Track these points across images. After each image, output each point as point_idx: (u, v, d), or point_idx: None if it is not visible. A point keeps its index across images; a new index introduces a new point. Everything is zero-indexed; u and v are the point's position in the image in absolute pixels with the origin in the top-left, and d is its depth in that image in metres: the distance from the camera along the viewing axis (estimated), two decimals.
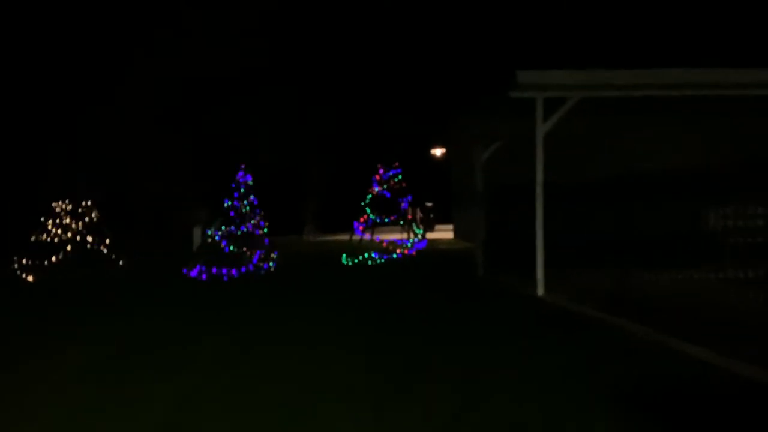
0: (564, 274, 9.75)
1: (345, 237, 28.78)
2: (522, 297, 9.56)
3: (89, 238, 18.69)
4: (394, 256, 19.72)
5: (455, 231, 27.67)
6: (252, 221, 16.78)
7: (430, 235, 25.34)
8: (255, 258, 16.45)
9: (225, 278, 15.35)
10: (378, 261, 18.81)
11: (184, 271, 15.91)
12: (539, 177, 8.59)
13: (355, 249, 19.51)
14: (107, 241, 18.99)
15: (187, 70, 29.44)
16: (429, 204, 27.79)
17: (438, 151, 31.25)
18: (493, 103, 9.65)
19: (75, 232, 18.72)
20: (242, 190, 16.79)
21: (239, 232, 16.66)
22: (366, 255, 19.44)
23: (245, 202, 16.65)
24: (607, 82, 8.29)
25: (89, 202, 19.06)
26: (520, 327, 7.73)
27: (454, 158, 27.22)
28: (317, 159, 33.06)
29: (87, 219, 18.89)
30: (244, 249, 16.35)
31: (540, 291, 9.15)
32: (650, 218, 9.27)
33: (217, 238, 16.46)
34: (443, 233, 28.65)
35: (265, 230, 16.81)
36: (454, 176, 27.24)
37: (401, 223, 21.85)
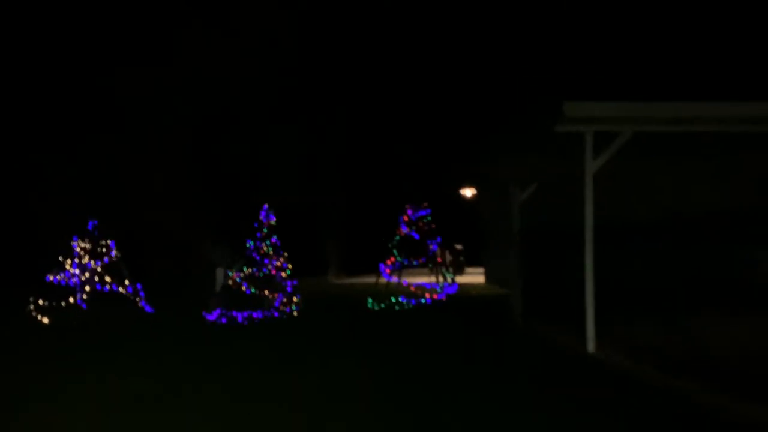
0: (613, 324, 8.90)
1: (371, 279, 28.00)
2: (570, 354, 8.67)
3: (107, 279, 18.21)
4: (423, 300, 18.91)
5: (487, 275, 26.78)
6: (275, 263, 16.17)
7: (460, 279, 24.47)
8: (277, 301, 15.78)
9: (245, 323, 14.68)
10: (406, 306, 18.02)
11: (203, 314, 15.27)
12: (589, 220, 7.84)
13: (381, 292, 18.76)
14: (126, 282, 18.48)
15: (209, 107, 29.30)
16: (459, 246, 27.00)
17: (468, 192, 30.55)
18: (532, 139, 8.98)
19: (93, 272, 18.26)
20: (265, 230, 16.22)
21: (261, 274, 16.05)
22: (393, 299, 18.67)
23: (268, 242, 16.07)
24: (666, 116, 7.57)
25: (108, 241, 18.64)
26: (573, 395, 6.76)
27: (486, 198, 26.44)
28: (342, 198, 32.57)
29: (106, 258, 18.43)
30: (266, 292, 15.70)
31: (590, 347, 8.27)
32: (704, 262, 8.43)
33: (238, 279, 15.85)
34: (474, 277, 27.78)
35: (288, 272, 16.16)
36: (486, 217, 26.44)
37: (430, 266, 21.09)
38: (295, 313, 15.74)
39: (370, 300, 18.40)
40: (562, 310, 9.73)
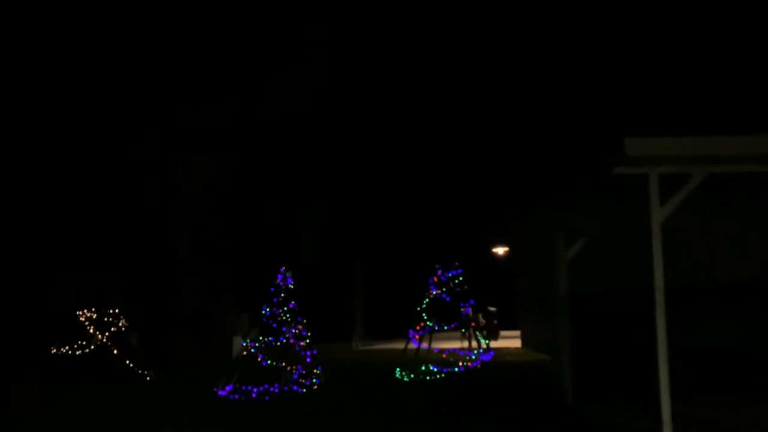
0: (689, 402, 7.51)
1: (398, 345, 26.59)
2: None
3: (115, 351, 17.17)
4: (456, 369, 17.50)
5: (523, 339, 25.27)
6: (293, 331, 14.97)
7: (494, 344, 23.03)
8: (296, 374, 14.51)
9: (260, 398, 13.41)
10: (438, 376, 16.61)
11: (215, 389, 14.04)
12: (658, 281, 6.61)
13: (410, 361, 17.41)
14: (134, 354, 17.42)
15: (224, 165, 28.65)
16: (492, 308, 25.58)
17: (500, 250, 29.36)
18: (584, 185, 7.83)
19: (98, 344, 17.25)
20: (282, 295, 15.10)
21: (278, 344, 14.83)
22: (423, 368, 17.30)
23: (285, 308, 14.91)
24: (751, 152, 6.39)
25: (116, 310, 17.69)
26: None
27: (521, 257, 25.19)
28: (366, 258, 31.47)
29: (113, 328, 17.44)
30: (283, 364, 14.45)
31: None
32: None
33: (253, 350, 14.65)
34: (508, 341, 26.23)
35: (308, 341, 14.93)
36: (521, 277, 25.13)
37: (462, 330, 19.75)
38: (315, 387, 14.43)
39: (398, 370, 17.04)
40: (623, 387, 8.39)
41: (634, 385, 7.86)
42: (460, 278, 18.29)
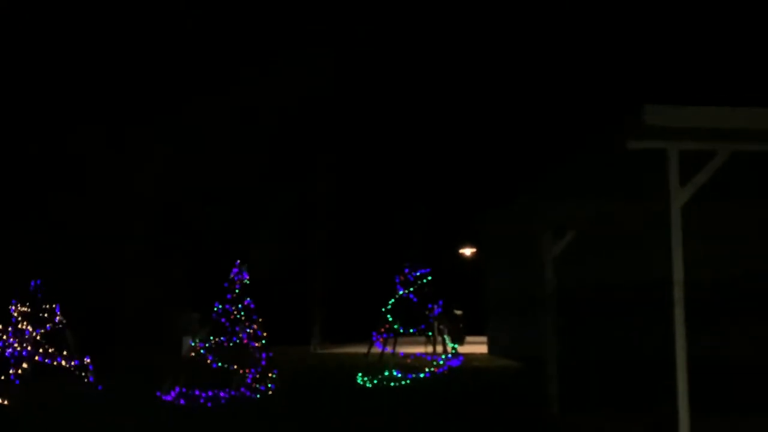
0: (708, 413, 6.65)
1: (360, 349, 25.52)
2: None
3: (49, 350, 15.74)
4: (422, 375, 16.56)
5: (490, 345, 24.46)
6: (247, 330, 13.84)
7: (459, 349, 22.12)
8: (249, 377, 13.37)
9: (209, 404, 12.25)
10: (403, 382, 15.63)
11: (158, 393, 12.82)
12: (678, 273, 5.75)
13: (373, 365, 16.41)
14: (71, 353, 16.00)
15: (178, 162, 27.50)
16: (458, 312, 24.73)
17: (467, 251, 28.54)
18: (584, 166, 6.96)
19: (33, 342, 15.81)
20: (237, 291, 13.95)
21: (230, 344, 13.68)
22: (386, 373, 16.32)
23: (239, 305, 13.77)
24: None
25: (53, 305, 16.26)
26: None
27: (491, 257, 24.38)
28: (326, 258, 30.45)
29: (48, 325, 16.01)
30: (236, 366, 13.30)
31: None
32: None
33: (202, 351, 13.46)
34: (474, 347, 25.38)
35: (263, 342, 13.81)
36: (490, 279, 24.31)
37: (429, 334, 18.81)
38: (270, 392, 13.31)
39: (359, 375, 16.02)
40: (614, 395, 7.54)
41: (626, 393, 7.00)
42: (429, 278, 17.36)
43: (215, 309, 13.71)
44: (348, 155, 29.63)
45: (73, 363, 15.73)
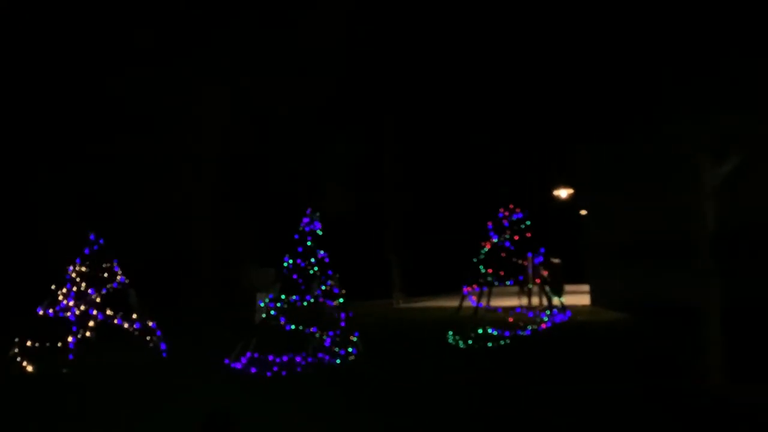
0: None
1: (447, 303, 24.14)
2: None
3: (109, 312, 14.88)
4: (522, 333, 14.94)
5: (593, 295, 22.56)
6: (322, 287, 12.48)
7: (556, 301, 20.28)
8: (327, 340, 12.06)
9: (284, 372, 11.02)
10: (502, 342, 14.04)
11: (226, 361, 11.67)
12: None
13: (465, 322, 14.91)
14: (134, 316, 15.11)
15: (249, 109, 26.39)
16: (556, 260, 22.75)
17: (563, 192, 26.42)
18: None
19: (92, 303, 14.98)
20: (309, 243, 12.57)
21: (305, 303, 12.36)
22: (481, 331, 14.81)
23: (312, 260, 12.39)
24: None
25: (113, 264, 15.35)
26: None
27: (593, 198, 22.30)
28: (410, 203, 28.90)
29: (110, 285, 15.13)
30: (312, 329, 11.99)
31: None
32: None
33: (273, 312, 12.20)
34: (574, 297, 23.49)
35: (341, 300, 12.43)
36: (593, 222, 22.31)
37: (529, 286, 17.15)
38: (352, 357, 11.97)
39: (450, 334, 14.55)
40: None
41: None
42: (527, 223, 15.58)
43: (285, 264, 12.38)
44: (425, 89, 27.72)
45: (135, 326, 14.87)
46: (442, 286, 30.61)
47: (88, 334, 14.85)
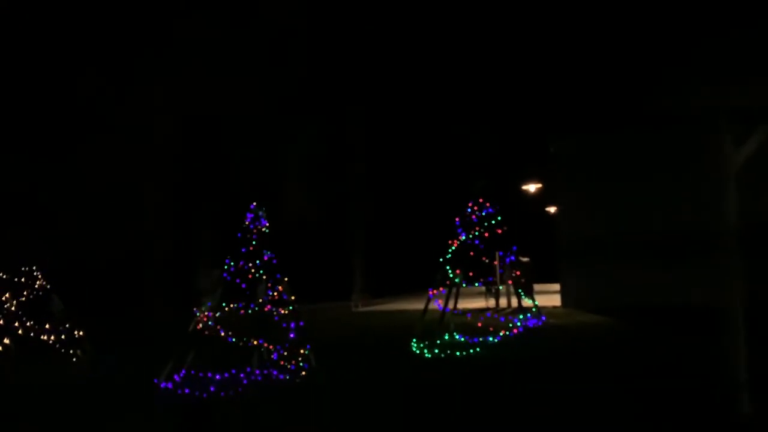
0: None
1: (409, 305, 22.90)
2: None
3: (27, 323, 13.30)
4: (491, 339, 13.75)
5: (565, 296, 21.55)
6: (270, 292, 11.08)
7: (527, 304, 19.16)
8: (274, 355, 10.67)
9: (222, 393, 9.61)
10: (473, 350, 12.82)
11: (155, 381, 10.20)
12: None
13: (430, 328, 13.66)
14: (58, 325, 13.54)
15: (203, 104, 25.09)
16: (525, 259, 21.61)
17: (531, 187, 25.37)
18: None
19: (10, 313, 13.40)
20: (254, 243, 11.16)
21: (249, 310, 10.96)
22: (447, 337, 13.59)
23: (258, 262, 10.98)
24: None
25: (34, 269, 13.77)
26: None
27: (568, 192, 21.30)
28: (366, 198, 27.65)
29: (26, 292, 13.55)
30: (258, 340, 10.59)
31: None
32: None
33: (210, 322, 10.76)
34: (543, 298, 22.43)
35: (290, 307, 11.04)
36: (566, 219, 21.30)
37: (499, 287, 15.98)
38: (302, 373, 10.59)
39: (414, 342, 13.27)
40: None
41: None
42: (498, 218, 14.37)
43: (226, 267, 10.95)
44: (390, 76, 26.52)
45: (59, 337, 13.31)
46: (407, 287, 29.41)
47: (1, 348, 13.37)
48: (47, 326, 13.27)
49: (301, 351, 10.83)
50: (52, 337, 13.32)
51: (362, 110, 28.02)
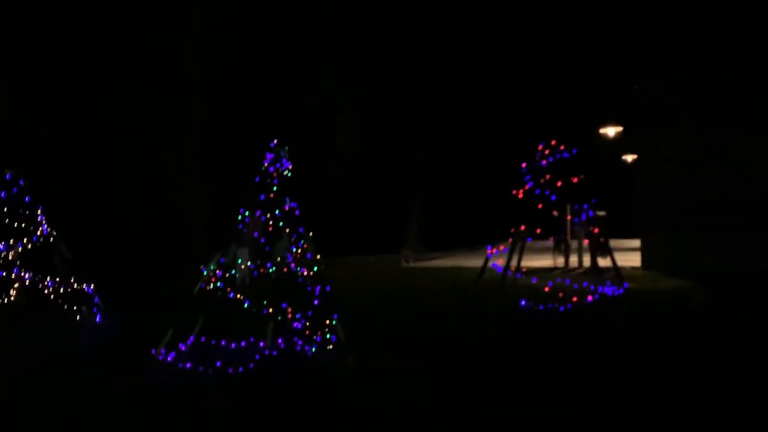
0: None
1: (465, 261, 21.11)
2: None
3: (24, 274, 12.01)
4: (559, 307, 11.86)
5: (645, 257, 19.56)
6: (293, 249, 9.36)
7: (602, 262, 17.09)
8: (296, 323, 8.99)
9: (230, 370, 8.04)
10: (537, 322, 10.96)
11: (152, 351, 8.68)
12: None
13: (487, 293, 11.87)
14: (67, 280, 12.22)
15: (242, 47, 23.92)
16: (601, 213, 19.44)
17: (610, 130, 22.99)
18: None
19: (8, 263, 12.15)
20: (274, 189, 9.41)
21: (268, 271, 9.27)
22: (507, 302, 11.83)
23: (277, 211, 9.25)
24: None
25: (37, 212, 12.41)
26: None
27: (651, 139, 19.36)
28: (422, 140, 25.67)
29: (25, 240, 12.23)
30: (271, 307, 8.92)
31: None
32: None
33: (220, 284, 9.12)
34: (619, 257, 20.28)
35: (315, 268, 9.31)
36: (652, 168, 19.34)
37: (569, 245, 14.02)
38: (330, 347, 8.91)
39: (466, 312, 11.49)
40: None
41: None
42: (574, 164, 12.32)
43: (239, 217, 9.27)
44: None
45: (63, 292, 11.98)
46: (464, 240, 27.60)
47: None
48: (50, 279, 11.93)
49: (327, 321, 9.13)
50: (58, 291, 12.01)
51: (426, 46, 26.31)
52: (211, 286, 9.24)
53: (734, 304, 12.54)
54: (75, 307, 11.82)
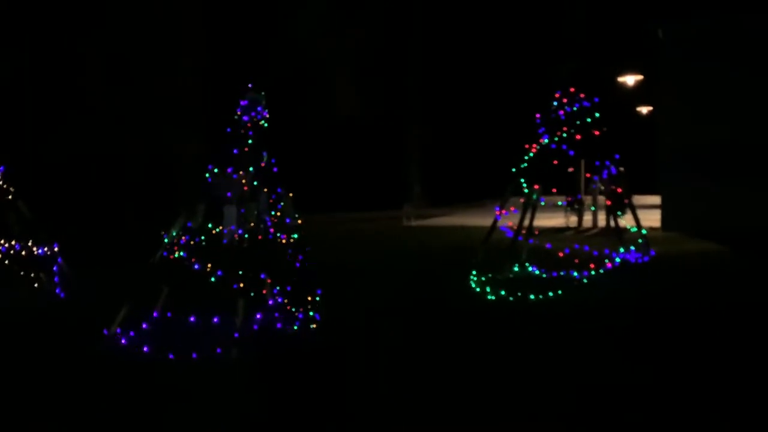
0: None
1: (471, 220, 19.97)
2: None
3: None
4: (576, 276, 10.73)
5: (666, 217, 18.55)
6: (271, 212, 8.16)
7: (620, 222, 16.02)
8: (271, 300, 7.83)
9: (194, 356, 6.90)
10: (551, 293, 9.81)
11: (105, 332, 7.53)
12: None
13: (496, 257, 10.74)
14: (24, 242, 11.12)
15: None
16: (621, 168, 18.40)
17: (630, 79, 21.59)
18: None
19: None
20: (249, 142, 8.16)
21: (240, 239, 8.04)
22: (516, 269, 10.62)
23: (251, 168, 8.01)
24: None
25: None
26: None
27: (674, 90, 18.33)
28: (434, 90, 24.05)
29: None
30: (260, 275, 7.74)
31: None
32: None
33: (183, 253, 7.92)
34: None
35: (295, 235, 8.11)
36: (670, 122, 18.38)
37: (593, 208, 12.86)
38: (312, 326, 7.76)
39: (473, 276, 10.32)
40: None
41: None
42: (596, 115, 11.02)
43: (206, 174, 8.04)
44: None
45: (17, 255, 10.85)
46: (471, 196, 26.47)
47: None
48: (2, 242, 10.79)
49: (309, 297, 7.95)
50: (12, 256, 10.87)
51: None
52: (175, 255, 8.12)
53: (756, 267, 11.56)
54: (32, 275, 10.72)
